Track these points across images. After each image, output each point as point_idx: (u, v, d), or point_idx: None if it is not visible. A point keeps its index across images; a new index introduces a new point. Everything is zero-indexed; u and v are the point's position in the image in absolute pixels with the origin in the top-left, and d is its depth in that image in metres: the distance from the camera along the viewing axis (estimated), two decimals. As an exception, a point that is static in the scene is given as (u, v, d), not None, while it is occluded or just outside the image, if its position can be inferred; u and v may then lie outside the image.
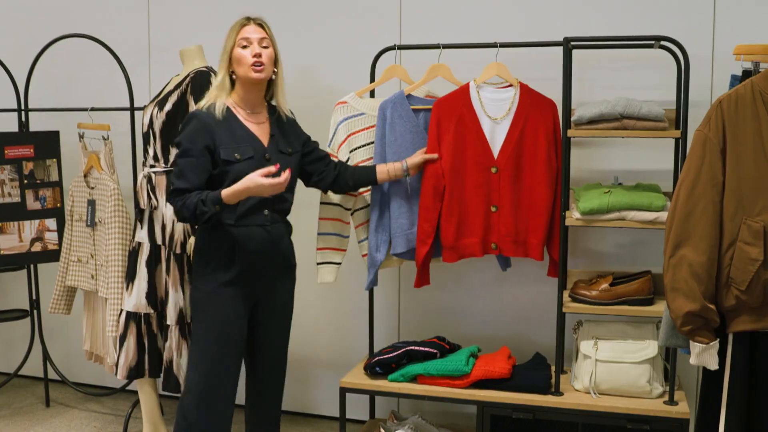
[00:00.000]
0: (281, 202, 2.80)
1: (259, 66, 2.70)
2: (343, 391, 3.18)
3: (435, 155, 3.04)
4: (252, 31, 2.72)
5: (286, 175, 2.61)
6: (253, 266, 2.75)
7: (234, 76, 2.76)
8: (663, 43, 2.96)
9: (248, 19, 2.75)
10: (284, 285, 2.89)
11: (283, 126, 2.86)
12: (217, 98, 2.75)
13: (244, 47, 2.70)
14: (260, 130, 2.79)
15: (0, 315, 4.00)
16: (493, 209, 3.06)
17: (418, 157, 3.05)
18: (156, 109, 3.21)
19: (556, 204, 3.04)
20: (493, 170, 3.04)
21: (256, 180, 2.58)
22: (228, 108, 2.75)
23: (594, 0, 3.32)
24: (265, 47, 2.73)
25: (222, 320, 2.73)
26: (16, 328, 4.25)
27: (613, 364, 2.98)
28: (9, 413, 3.94)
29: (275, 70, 2.79)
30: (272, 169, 2.61)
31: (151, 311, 3.25)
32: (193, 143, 2.67)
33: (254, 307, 2.83)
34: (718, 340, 2.30)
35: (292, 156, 2.86)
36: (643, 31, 3.19)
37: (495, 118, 3.05)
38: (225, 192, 2.61)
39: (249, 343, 2.89)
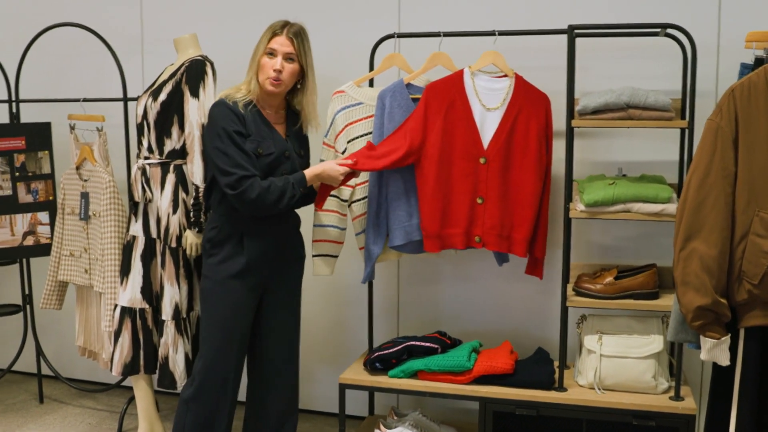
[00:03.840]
0: None
1: (277, 81, 2.73)
2: (343, 387, 3.12)
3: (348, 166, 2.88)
4: (281, 43, 2.73)
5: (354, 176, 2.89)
6: (264, 257, 2.79)
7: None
8: (669, 31, 2.90)
9: (282, 28, 2.75)
10: (292, 275, 2.94)
11: (295, 130, 2.90)
12: (244, 96, 2.76)
13: (270, 56, 2.73)
14: (280, 129, 2.84)
15: (-8, 310, 3.93)
16: (479, 201, 3.00)
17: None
18: (150, 99, 3.13)
19: (543, 200, 2.99)
20: (482, 161, 2.98)
21: (335, 167, 2.81)
22: (252, 103, 2.78)
23: (598, -13, 3.25)
24: (290, 61, 2.75)
25: (229, 311, 2.78)
26: (10, 322, 4.17)
27: (618, 359, 2.92)
28: (2, 410, 3.87)
29: (301, 81, 2.83)
30: (350, 162, 2.84)
31: (146, 306, 3.18)
32: (231, 128, 2.69)
33: (262, 297, 2.88)
34: (729, 335, 2.24)
35: (303, 159, 2.92)
36: (647, 19, 3.12)
37: (489, 107, 2.98)
38: (309, 174, 2.77)
39: (257, 335, 2.93)
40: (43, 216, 3.80)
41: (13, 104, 3.84)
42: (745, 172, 2.17)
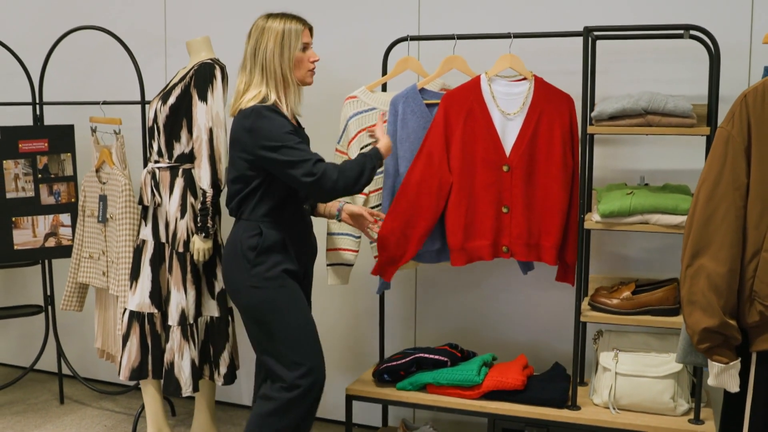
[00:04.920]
0: None
1: (313, 72, 2.74)
2: (350, 398, 3.05)
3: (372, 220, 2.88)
4: (308, 35, 2.71)
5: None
6: (302, 258, 2.77)
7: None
8: (693, 32, 2.74)
9: (302, 21, 2.71)
10: (311, 270, 2.89)
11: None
12: (280, 98, 2.66)
13: (304, 50, 2.69)
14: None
15: (15, 310, 3.97)
16: (504, 210, 2.88)
17: (357, 208, 2.90)
18: (160, 102, 3.11)
19: (571, 205, 2.85)
20: (505, 169, 2.86)
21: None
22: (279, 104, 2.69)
23: (623, -13, 3.10)
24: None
25: (301, 312, 2.69)
26: (34, 321, 4.22)
27: (635, 378, 2.78)
28: (23, 409, 3.91)
29: None
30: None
31: (155, 311, 3.16)
32: (288, 126, 2.60)
33: None
34: (739, 359, 2.09)
35: None
36: (677, 20, 2.96)
37: (508, 113, 2.87)
38: (382, 147, 2.69)
39: None
40: (65, 218, 3.82)
41: (37, 107, 3.88)
42: (757, 184, 2.02)
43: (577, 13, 3.12)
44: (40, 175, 3.78)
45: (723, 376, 2.08)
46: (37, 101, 3.87)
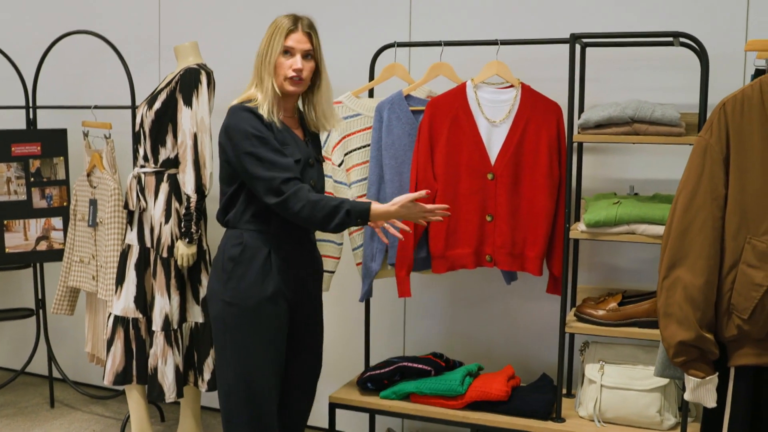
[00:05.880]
0: None
1: (298, 80, 2.42)
2: (333, 407, 3.02)
3: (422, 193, 2.39)
4: (297, 40, 2.41)
5: (438, 208, 2.40)
6: (293, 273, 2.48)
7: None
8: (683, 40, 2.69)
9: (296, 24, 2.42)
10: (315, 288, 2.61)
11: (312, 134, 2.60)
12: (261, 103, 2.40)
13: (285, 55, 2.41)
14: (299, 134, 2.53)
15: (6, 314, 3.97)
16: (488, 218, 2.84)
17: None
18: (146, 107, 3.10)
19: (557, 215, 2.81)
20: (490, 177, 2.82)
21: (410, 206, 2.36)
22: (268, 107, 2.43)
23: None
24: (309, 59, 2.44)
25: (267, 343, 2.44)
26: (26, 324, 4.21)
27: (620, 391, 2.73)
28: (13, 412, 3.91)
29: (315, 78, 2.51)
30: (423, 193, 2.36)
31: (140, 316, 3.15)
32: (260, 130, 2.35)
33: (291, 317, 2.54)
34: (716, 374, 2.03)
35: (321, 165, 2.61)
36: (673, 27, 2.91)
37: (493, 120, 2.83)
38: (375, 211, 2.34)
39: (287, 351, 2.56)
40: (57, 221, 3.82)
41: (30, 110, 3.88)
42: (736, 195, 1.97)
43: (571, 21, 3.08)
44: (32, 179, 3.78)
45: (699, 390, 2.03)
46: (31, 105, 3.88)
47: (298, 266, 2.49)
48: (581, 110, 2.90)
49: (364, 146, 3.02)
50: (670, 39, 2.71)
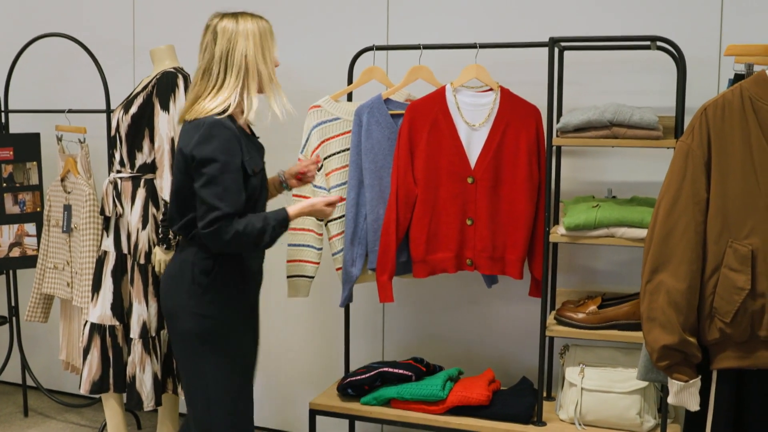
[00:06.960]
0: None
1: None
2: (313, 413, 3.00)
3: (313, 162, 2.59)
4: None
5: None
6: (256, 288, 2.52)
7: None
8: (660, 44, 2.71)
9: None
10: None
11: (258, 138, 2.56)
12: (245, 114, 2.38)
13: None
14: (252, 139, 2.50)
15: (-22, 321, 3.90)
16: (468, 222, 2.84)
17: (297, 166, 2.63)
18: (122, 112, 3.06)
19: (537, 218, 2.81)
20: (470, 180, 2.82)
21: (325, 209, 2.48)
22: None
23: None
24: None
25: (248, 355, 2.47)
26: (0, 332, 4.14)
27: (600, 394, 2.74)
28: (-14, 422, 3.85)
29: None
30: (335, 199, 2.51)
31: (117, 323, 3.10)
32: (232, 156, 2.28)
33: None
34: (699, 377, 2.05)
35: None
36: (648, 31, 2.92)
37: (473, 124, 2.83)
38: (293, 212, 2.39)
39: None
40: (30, 227, 3.76)
41: (2, 114, 3.81)
42: (718, 199, 1.98)
43: (549, 24, 3.09)
44: (5, 184, 3.71)
45: (683, 394, 2.05)
46: (3, 109, 3.81)
47: (259, 274, 2.53)
48: (560, 113, 2.91)
49: (344, 150, 3.00)
50: (648, 43, 2.73)
